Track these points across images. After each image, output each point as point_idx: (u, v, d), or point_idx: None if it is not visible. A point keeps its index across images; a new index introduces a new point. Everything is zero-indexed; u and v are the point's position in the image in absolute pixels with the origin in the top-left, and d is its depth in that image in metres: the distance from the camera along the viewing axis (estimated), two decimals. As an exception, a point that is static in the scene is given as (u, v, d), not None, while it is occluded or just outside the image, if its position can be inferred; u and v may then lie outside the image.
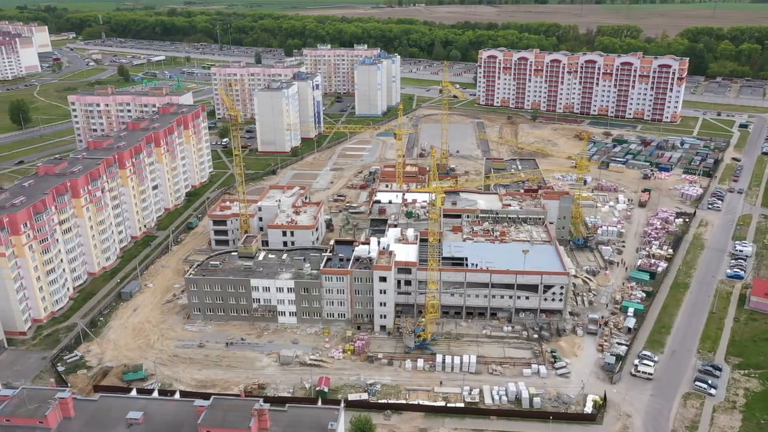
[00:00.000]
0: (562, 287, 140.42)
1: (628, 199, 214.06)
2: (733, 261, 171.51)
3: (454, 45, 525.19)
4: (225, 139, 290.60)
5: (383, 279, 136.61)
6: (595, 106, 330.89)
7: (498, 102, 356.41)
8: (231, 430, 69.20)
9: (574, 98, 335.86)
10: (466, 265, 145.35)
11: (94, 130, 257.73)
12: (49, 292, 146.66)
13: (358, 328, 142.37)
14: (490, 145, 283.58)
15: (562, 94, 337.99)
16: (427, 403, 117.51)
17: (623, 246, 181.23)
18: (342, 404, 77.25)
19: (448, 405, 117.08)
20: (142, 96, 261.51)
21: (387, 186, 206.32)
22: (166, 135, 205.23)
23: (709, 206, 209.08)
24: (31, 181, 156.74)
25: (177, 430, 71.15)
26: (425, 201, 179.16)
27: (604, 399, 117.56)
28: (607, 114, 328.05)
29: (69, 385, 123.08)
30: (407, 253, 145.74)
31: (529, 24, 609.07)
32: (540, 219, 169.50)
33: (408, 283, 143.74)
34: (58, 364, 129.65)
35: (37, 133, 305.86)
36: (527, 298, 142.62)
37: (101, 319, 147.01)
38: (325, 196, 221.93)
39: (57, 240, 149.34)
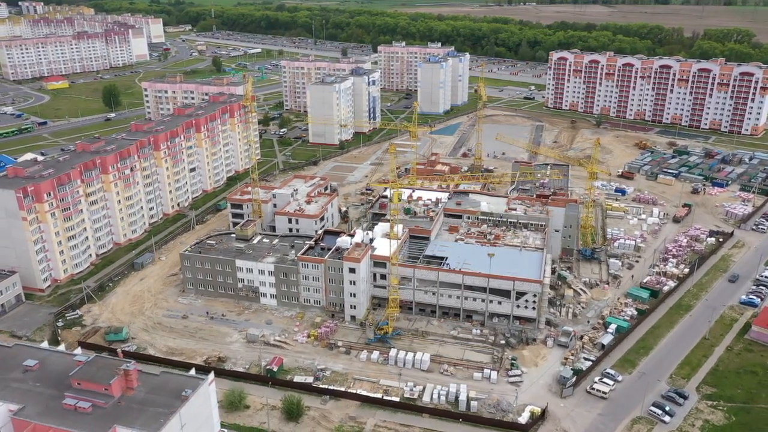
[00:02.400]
0: (535, 295, 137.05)
1: (664, 214, 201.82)
2: (754, 287, 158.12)
3: (542, 45, 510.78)
4: (283, 130, 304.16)
5: (352, 270, 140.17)
6: (668, 114, 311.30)
7: (566, 105, 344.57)
8: (94, 384, 76.82)
9: (646, 105, 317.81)
10: (445, 265, 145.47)
11: (162, 114, 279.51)
12: (69, 255, 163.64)
13: (332, 316, 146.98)
14: (541, 148, 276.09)
15: (633, 99, 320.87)
16: (363, 393, 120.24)
17: (637, 261, 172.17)
18: (211, 376, 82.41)
19: (384, 398, 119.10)
20: (204, 85, 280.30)
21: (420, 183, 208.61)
22: (207, 122, 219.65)
23: (754, 227, 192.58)
24: (66, 156, 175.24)
25: (61, 379, 79.78)
26: (430, 199, 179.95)
27: (543, 412, 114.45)
28: (680, 123, 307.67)
29: (60, 339, 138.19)
30: (385, 248, 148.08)
31: (629, 26, 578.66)
32: (541, 225, 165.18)
33: (383, 277, 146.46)
34: (59, 320, 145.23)
35: (123, 116, 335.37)
36: (500, 303, 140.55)
37: (110, 284, 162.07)
38: (354, 189, 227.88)
39: (81, 210, 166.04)
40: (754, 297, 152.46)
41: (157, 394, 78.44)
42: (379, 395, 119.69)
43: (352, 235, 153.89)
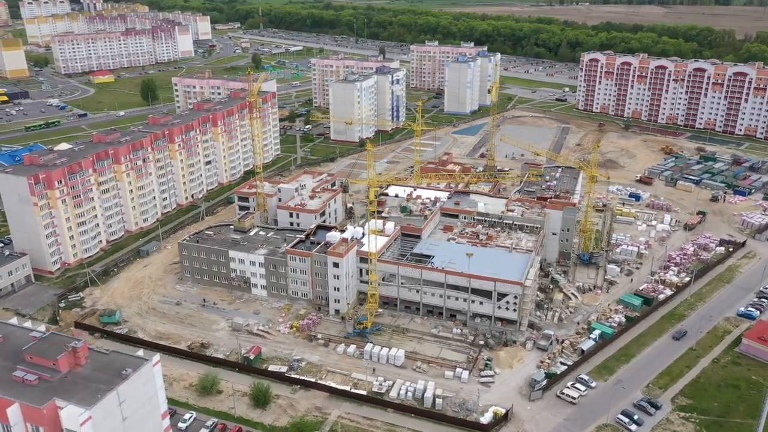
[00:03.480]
0: (516, 297, 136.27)
1: (675, 221, 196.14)
2: (756, 299, 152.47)
3: (583, 46, 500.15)
4: (307, 126, 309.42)
5: (336, 265, 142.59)
6: (702, 118, 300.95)
7: (597, 108, 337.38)
8: (44, 359, 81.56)
9: (678, 109, 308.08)
10: (430, 263, 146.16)
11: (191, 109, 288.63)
12: (79, 241, 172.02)
13: (319, 309, 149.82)
14: (562, 151, 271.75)
15: (666, 103, 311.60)
16: (332, 384, 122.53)
17: (637, 268, 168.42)
18: (156, 357, 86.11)
19: (352, 390, 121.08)
20: (230, 81, 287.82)
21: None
22: (224, 116, 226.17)
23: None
24: (82, 146, 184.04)
25: (18, 353, 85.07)
26: (428, 198, 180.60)
27: (506, 413, 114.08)
28: (714, 128, 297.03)
29: (59, 319, 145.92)
30: (375, 245, 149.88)
31: (676, 27, 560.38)
32: (536, 228, 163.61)
33: (367, 272, 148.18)
34: (62, 302, 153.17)
35: (158, 110, 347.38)
36: (481, 303, 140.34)
37: (114, 269, 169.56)
38: (364, 186, 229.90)
39: (92, 198, 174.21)
40: (753, 309, 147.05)
41: (102, 372, 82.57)
42: (347, 387, 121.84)
43: (343, 231, 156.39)
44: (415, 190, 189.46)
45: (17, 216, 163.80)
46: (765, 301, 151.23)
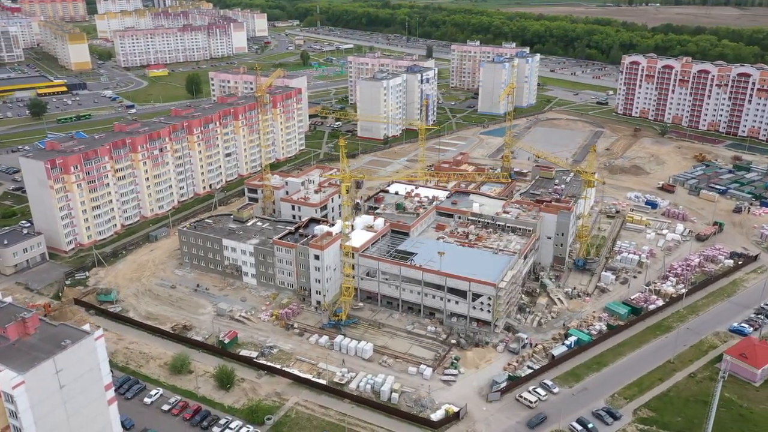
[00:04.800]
0: (489, 298, 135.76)
1: (688, 231, 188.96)
2: (753, 315, 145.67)
3: (636, 48, 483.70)
4: (338, 123, 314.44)
5: (316, 257, 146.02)
6: (745, 126, 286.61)
7: (636, 112, 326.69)
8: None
9: (720, 115, 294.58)
10: (411, 261, 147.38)
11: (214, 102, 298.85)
12: (93, 223, 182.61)
13: (303, 299, 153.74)
14: (588, 156, 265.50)
15: (707, 109, 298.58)
16: (296, 372, 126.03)
17: (634, 276, 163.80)
18: (99, 331, 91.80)
19: (313, 379, 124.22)
20: (263, 77, 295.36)
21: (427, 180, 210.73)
22: (245, 111, 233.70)
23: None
24: (102, 135, 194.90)
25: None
26: (426, 197, 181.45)
27: (457, 412, 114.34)
28: (758, 137, 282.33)
29: (61, 295, 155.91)
30: (360, 240, 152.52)
31: (741, 30, 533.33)
32: (528, 231, 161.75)
33: (353, 266, 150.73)
34: (68, 279, 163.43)
35: (200, 104, 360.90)
36: (457, 303, 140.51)
37: (123, 252, 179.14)
38: (379, 183, 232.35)
39: (107, 184, 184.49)
40: (746, 325, 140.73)
41: (48, 342, 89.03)
42: (309, 376, 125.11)
43: (333, 225, 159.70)
44: (416, 188, 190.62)
45: (37, 198, 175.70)
46: (762, 317, 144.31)
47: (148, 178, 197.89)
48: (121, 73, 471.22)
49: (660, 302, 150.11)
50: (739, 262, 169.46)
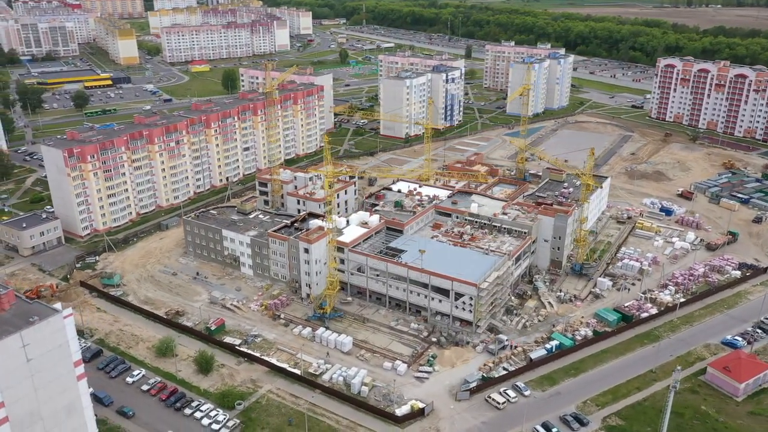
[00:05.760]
0: (471, 298, 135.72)
1: (700, 239, 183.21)
2: (750, 328, 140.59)
3: (682, 51, 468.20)
4: (363, 121, 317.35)
5: (306, 250, 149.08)
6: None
7: (670, 117, 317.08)
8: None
9: (758, 122, 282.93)
10: (399, 258, 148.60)
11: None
12: (109, 210, 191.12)
13: (295, 291, 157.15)
14: (611, 160, 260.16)
15: (744, 115, 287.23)
16: (273, 361, 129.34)
17: (633, 284, 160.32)
18: (68, 310, 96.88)
19: (288, 368, 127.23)
20: (290, 73, 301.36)
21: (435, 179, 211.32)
22: (263, 106, 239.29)
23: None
24: (123, 126, 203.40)
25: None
26: (428, 195, 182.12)
27: (422, 409, 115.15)
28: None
29: (69, 277, 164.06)
30: (352, 235, 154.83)
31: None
32: (524, 233, 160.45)
33: (343, 261, 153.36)
34: (78, 262, 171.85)
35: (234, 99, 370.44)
36: (440, 301, 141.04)
37: (134, 239, 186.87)
38: (391, 181, 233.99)
39: (123, 173, 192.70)
40: (739, 338, 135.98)
41: (19, 318, 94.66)
42: (286, 365, 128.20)
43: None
44: (420, 186, 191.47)
45: (56, 184, 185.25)
46: (759, 332, 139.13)
47: (164, 169, 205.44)
48: (166, 68, 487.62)
49: (654, 311, 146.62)
50: (747, 274, 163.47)
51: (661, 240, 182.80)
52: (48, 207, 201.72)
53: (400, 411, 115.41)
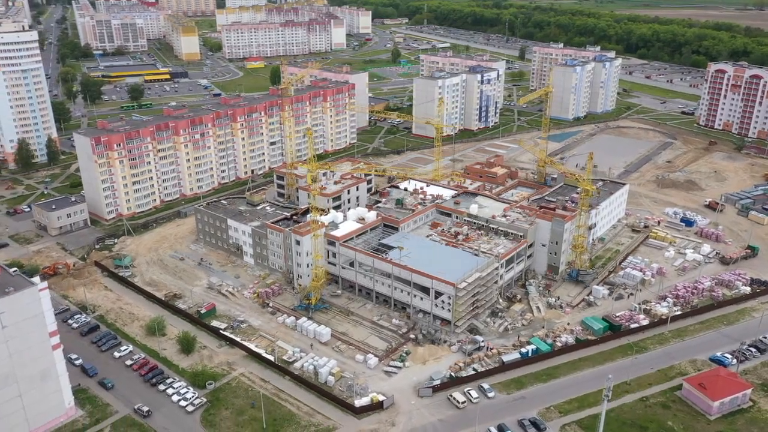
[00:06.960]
0: (449, 297, 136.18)
1: (716, 252, 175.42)
2: (744, 347, 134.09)
3: (749, 57, 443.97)
4: (398, 120, 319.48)
5: (298, 242, 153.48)
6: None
7: (719, 124, 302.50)
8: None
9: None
10: (388, 254, 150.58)
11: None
12: (134, 197, 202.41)
13: (290, 282, 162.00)
14: (644, 167, 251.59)
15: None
16: (250, 346, 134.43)
17: (631, 294, 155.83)
18: (43, 284, 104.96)
19: (263, 354, 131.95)
20: (325, 71, 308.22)
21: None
22: (291, 102, 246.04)
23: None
24: (151, 117, 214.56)
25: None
26: (431, 195, 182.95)
27: (381, 402, 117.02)
28: None
29: (86, 257, 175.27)
30: (345, 230, 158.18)
31: None
32: (519, 236, 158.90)
33: (333, 255, 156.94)
34: (98, 244, 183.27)
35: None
36: (421, 299, 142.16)
37: (153, 224, 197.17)
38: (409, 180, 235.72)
39: (148, 162, 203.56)
40: (728, 356, 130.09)
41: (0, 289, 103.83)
42: (261, 351, 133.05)
43: (326, 213, 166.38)
44: (427, 186, 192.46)
45: (86, 170, 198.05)
46: (753, 351, 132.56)
47: (189, 160, 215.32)
48: (224, 64, 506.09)
49: (646, 322, 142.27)
50: (757, 290, 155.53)
51: (673, 251, 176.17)
52: (83, 191, 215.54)
53: (360, 402, 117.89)
